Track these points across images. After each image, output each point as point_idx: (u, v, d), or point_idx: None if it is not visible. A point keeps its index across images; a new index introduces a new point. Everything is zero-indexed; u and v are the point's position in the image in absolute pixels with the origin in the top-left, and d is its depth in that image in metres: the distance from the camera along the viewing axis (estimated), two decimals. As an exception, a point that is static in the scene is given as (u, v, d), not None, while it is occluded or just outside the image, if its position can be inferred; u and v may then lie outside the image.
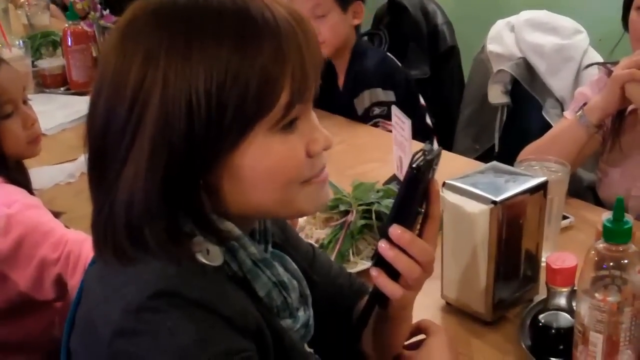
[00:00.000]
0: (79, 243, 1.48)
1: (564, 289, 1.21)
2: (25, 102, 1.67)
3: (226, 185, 0.87)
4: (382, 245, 0.97)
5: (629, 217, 1.06)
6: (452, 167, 1.66)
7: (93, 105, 0.88)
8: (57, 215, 1.59)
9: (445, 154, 0.97)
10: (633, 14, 1.71)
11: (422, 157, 0.94)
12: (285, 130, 0.88)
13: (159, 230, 0.84)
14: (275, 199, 0.90)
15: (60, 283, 1.50)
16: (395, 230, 0.96)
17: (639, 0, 1.71)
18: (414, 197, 0.97)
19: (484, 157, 2.58)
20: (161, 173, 0.83)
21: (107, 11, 2.81)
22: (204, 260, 0.87)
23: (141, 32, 0.85)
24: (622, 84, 1.66)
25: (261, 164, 0.86)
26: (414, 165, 0.94)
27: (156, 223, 0.84)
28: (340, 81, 2.55)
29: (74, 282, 1.43)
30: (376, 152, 2.14)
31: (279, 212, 0.94)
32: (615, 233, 1.05)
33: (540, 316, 1.24)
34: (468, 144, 2.79)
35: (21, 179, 1.63)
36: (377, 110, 2.44)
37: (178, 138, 0.82)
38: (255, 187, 0.88)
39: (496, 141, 2.65)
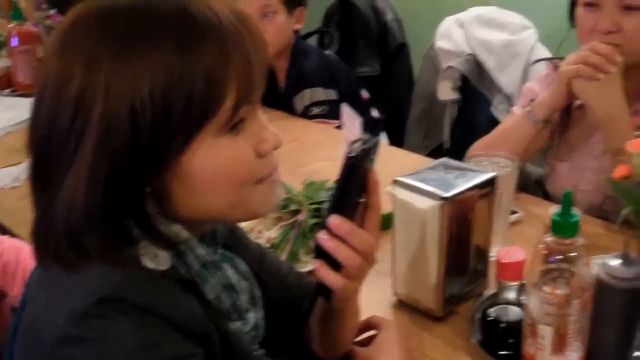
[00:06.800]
0: (15, 252, 1.43)
1: (513, 283, 1.22)
2: None
3: (176, 190, 0.86)
4: (322, 236, 0.95)
5: (576, 211, 1.07)
6: (403, 164, 1.66)
7: (35, 112, 0.86)
8: None
9: (396, 150, 0.98)
10: (579, 9, 1.73)
11: (359, 146, 0.94)
12: (233, 132, 0.87)
13: (99, 237, 0.82)
14: (227, 202, 0.88)
15: None
16: (334, 220, 0.94)
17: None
18: (351, 186, 0.96)
19: (435, 154, 2.60)
20: (103, 181, 0.81)
21: (54, 11, 2.77)
22: (150, 265, 0.85)
23: (82, 37, 0.83)
24: (568, 80, 1.68)
25: (210, 167, 0.85)
26: (351, 154, 0.93)
27: (96, 230, 0.82)
28: (281, 82, 2.55)
29: (15, 292, 1.39)
30: (327, 151, 2.13)
31: (231, 215, 0.93)
32: (562, 226, 1.06)
33: (490, 310, 1.25)
34: (419, 140, 2.81)
35: None
36: (315, 110, 2.46)
37: (122, 145, 0.80)
38: (206, 191, 0.86)
39: (446, 137, 2.67)
